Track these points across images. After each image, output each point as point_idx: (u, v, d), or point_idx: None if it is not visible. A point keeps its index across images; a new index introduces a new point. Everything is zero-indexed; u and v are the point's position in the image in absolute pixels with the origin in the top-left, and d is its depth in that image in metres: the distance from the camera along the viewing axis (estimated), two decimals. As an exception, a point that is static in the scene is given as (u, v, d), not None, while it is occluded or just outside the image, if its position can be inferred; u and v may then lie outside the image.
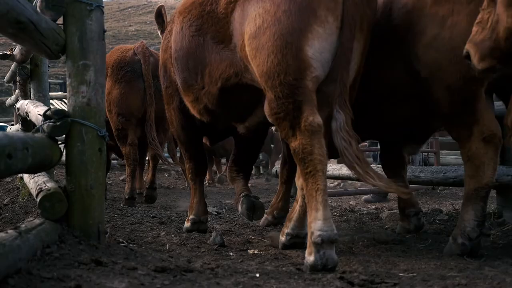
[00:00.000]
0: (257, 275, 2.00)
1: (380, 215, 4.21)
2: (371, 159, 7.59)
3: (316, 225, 2.24)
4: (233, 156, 3.77)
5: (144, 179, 6.12)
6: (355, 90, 2.64)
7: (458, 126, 2.63)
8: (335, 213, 4.54)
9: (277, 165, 5.76)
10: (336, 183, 8.95)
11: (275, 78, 2.40)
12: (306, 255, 2.26)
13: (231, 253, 2.77)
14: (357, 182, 7.43)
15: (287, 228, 2.84)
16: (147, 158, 6.34)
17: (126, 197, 5.33)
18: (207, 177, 9.79)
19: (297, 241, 2.82)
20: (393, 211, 4.49)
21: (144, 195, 5.78)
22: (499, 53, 2.13)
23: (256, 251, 2.82)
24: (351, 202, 6.15)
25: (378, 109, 3.01)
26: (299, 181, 2.70)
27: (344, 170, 4.97)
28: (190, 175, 3.68)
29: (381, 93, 2.91)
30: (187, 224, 3.55)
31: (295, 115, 2.37)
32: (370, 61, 2.68)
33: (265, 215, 3.87)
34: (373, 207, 5.45)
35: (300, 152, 2.35)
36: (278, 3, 2.43)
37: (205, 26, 2.90)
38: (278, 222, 3.80)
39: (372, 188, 6.28)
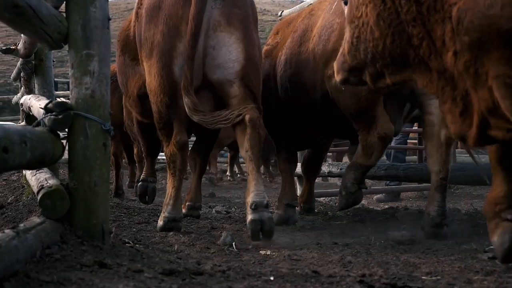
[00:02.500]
0: (271, 278, 1.87)
1: (395, 215, 4.07)
2: (385, 157, 7.43)
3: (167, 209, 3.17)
4: None
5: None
6: (259, 70, 3.16)
7: (361, 125, 3.20)
8: (348, 213, 4.40)
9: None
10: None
11: (158, 96, 3.01)
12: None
13: (242, 254, 2.64)
14: (368, 181, 7.29)
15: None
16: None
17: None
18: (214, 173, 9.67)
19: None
20: (409, 210, 4.35)
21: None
22: (347, 66, 2.40)
23: (268, 252, 2.68)
24: (362, 202, 5.99)
25: (316, 118, 3.70)
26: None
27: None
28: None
29: (315, 106, 3.54)
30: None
31: (170, 132, 3.08)
32: (303, 83, 3.48)
33: (276, 210, 3.92)
34: (386, 206, 5.31)
35: (168, 157, 3.12)
36: (157, 24, 2.96)
37: (126, 47, 3.67)
38: (289, 216, 3.81)
39: (385, 187, 6.17)
